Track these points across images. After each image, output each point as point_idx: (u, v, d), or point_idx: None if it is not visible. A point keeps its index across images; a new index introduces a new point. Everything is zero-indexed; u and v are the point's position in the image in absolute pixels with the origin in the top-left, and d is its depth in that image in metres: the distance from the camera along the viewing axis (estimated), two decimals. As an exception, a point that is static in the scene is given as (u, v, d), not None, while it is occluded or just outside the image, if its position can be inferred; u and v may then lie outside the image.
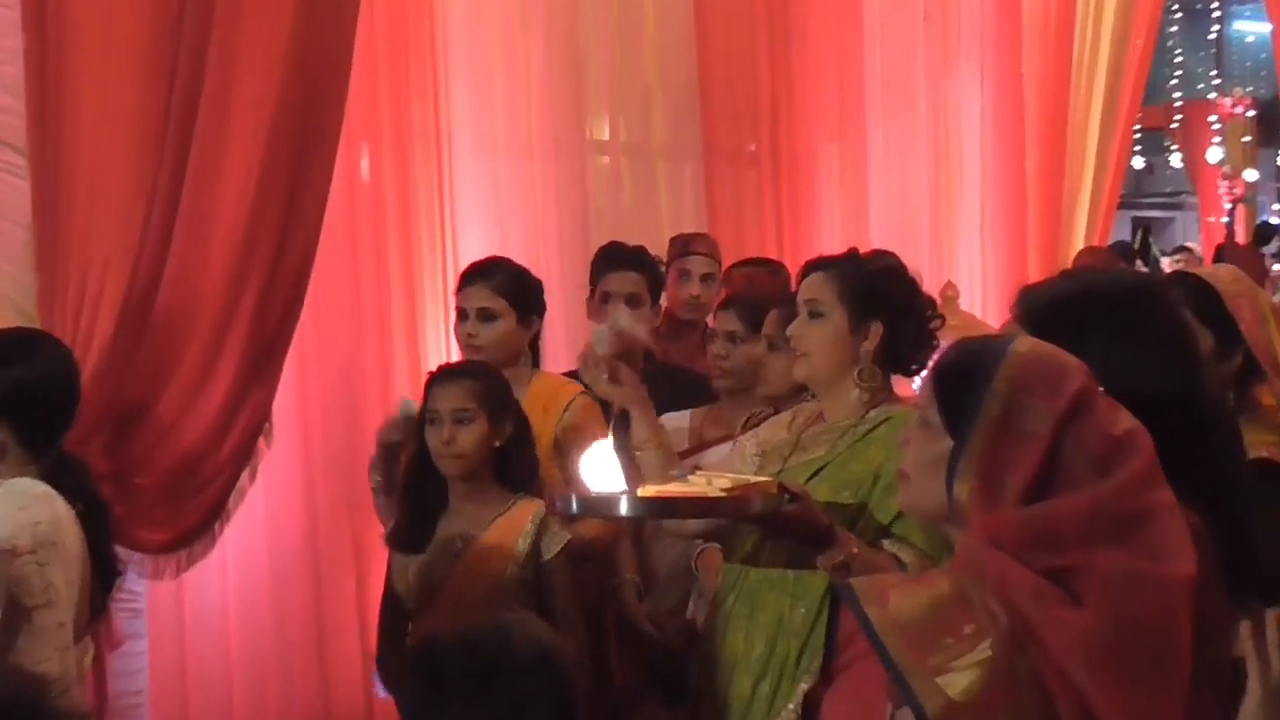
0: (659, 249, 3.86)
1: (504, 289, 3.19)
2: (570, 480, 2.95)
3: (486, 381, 2.89)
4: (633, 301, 3.43)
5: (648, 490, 2.25)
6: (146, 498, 3.25)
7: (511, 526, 2.85)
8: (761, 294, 3.49)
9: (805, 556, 2.30)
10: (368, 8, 3.45)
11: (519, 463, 2.90)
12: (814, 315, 2.46)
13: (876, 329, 2.43)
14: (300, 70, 3.23)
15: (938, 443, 1.57)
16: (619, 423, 2.52)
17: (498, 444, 2.85)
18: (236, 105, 3.21)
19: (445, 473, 2.85)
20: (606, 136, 4.52)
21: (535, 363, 3.35)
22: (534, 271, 3.44)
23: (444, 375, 2.95)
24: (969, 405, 1.52)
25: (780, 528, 2.27)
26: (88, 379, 3.08)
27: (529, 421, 2.97)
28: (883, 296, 2.45)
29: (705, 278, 3.88)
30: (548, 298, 3.42)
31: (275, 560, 3.52)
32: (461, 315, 3.24)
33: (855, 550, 2.21)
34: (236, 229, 3.23)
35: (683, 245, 3.99)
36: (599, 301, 3.51)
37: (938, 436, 1.57)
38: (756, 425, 2.83)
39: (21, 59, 3.05)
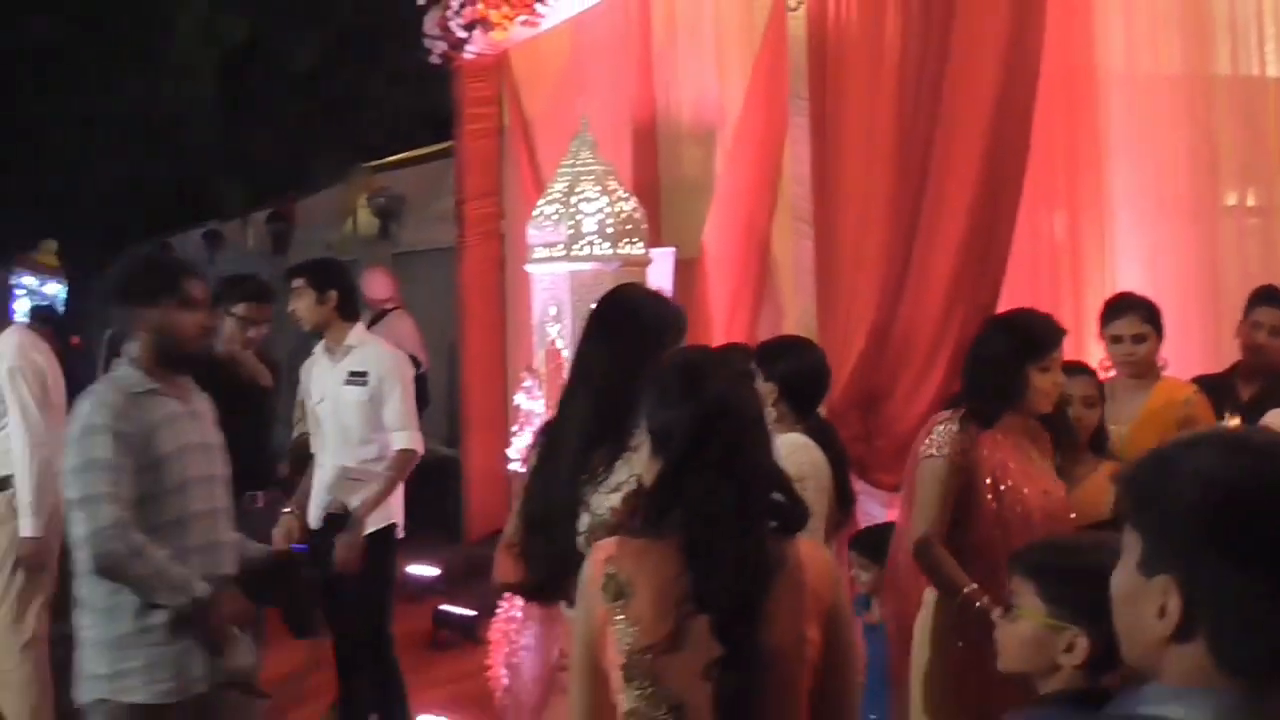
0: None
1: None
2: None
3: None
4: None
5: None
6: (883, 453, 4.56)
7: None
8: None
9: None
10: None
11: None
12: None
13: None
14: (991, 167, 4.32)
15: None
16: None
17: None
18: (948, 193, 4.41)
19: None
20: None
21: None
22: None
23: None
24: None
25: None
26: (847, 374, 4.55)
27: None
28: None
29: None
30: None
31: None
32: None
33: None
34: (946, 281, 4.40)
35: None
36: None
37: None
38: None
39: (809, 155, 4.69)
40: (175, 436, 3.15)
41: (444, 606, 6.25)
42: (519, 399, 5.02)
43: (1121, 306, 4.01)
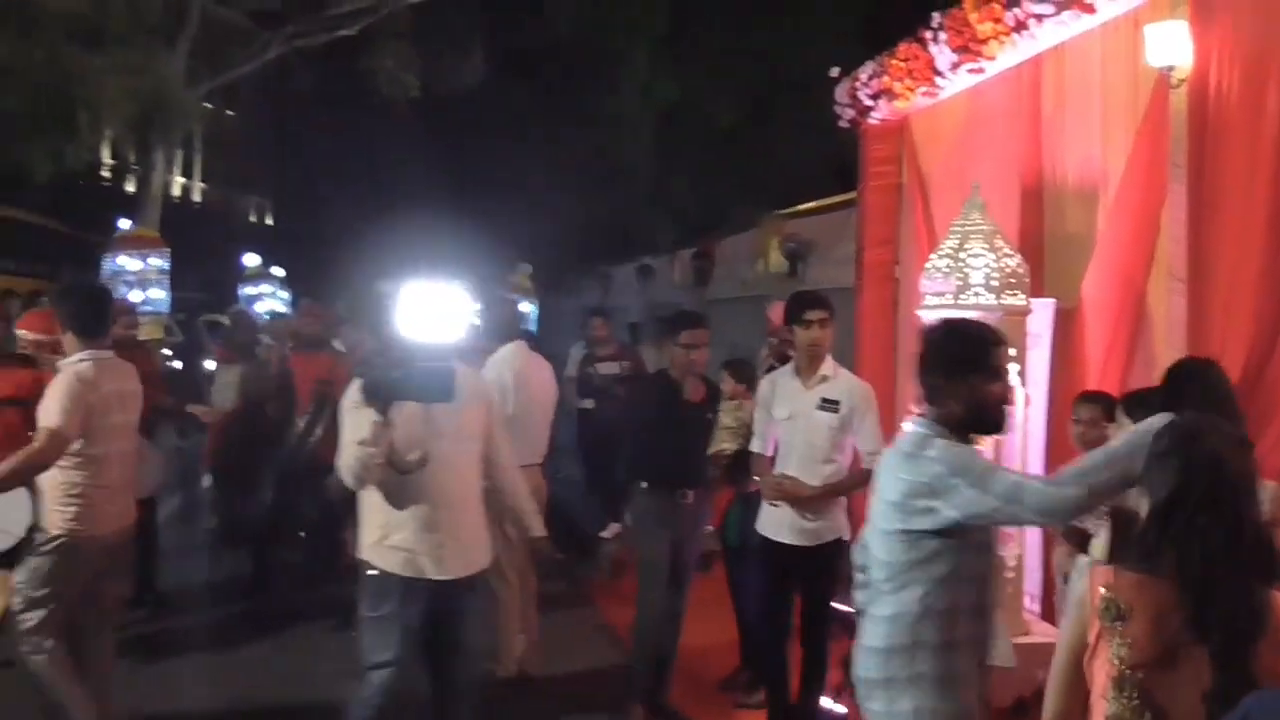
0: None
1: None
2: None
3: None
4: None
5: None
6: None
7: None
8: None
9: None
10: None
11: None
12: None
13: None
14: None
15: None
16: None
17: None
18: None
19: None
20: None
21: None
22: None
23: None
24: None
25: None
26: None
27: None
28: None
29: None
30: None
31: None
32: None
33: None
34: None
35: None
36: None
37: None
38: None
39: (1185, 218, 4.82)
40: None
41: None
42: (906, 427, 5.44)
43: None
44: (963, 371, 3.11)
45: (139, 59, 14.23)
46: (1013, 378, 5.05)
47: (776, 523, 5.11)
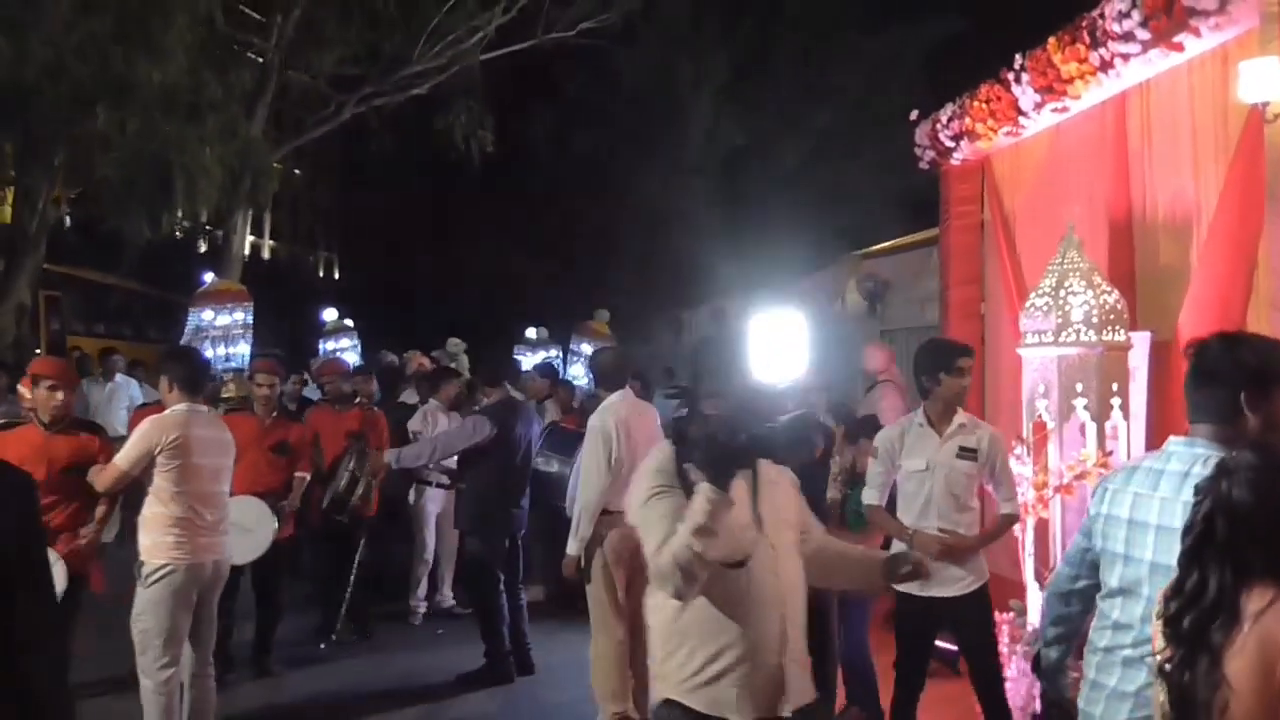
0: None
1: None
2: None
3: None
4: None
5: None
6: None
7: None
8: None
9: None
10: None
11: None
12: None
13: None
14: None
15: None
16: None
17: None
18: None
19: None
20: None
21: None
22: None
23: None
24: None
25: None
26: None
27: None
28: None
29: None
30: None
31: None
32: None
33: None
34: None
35: None
36: None
37: None
38: None
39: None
40: None
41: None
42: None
43: None
44: (1268, 385, 2.76)
45: (228, 126, 14.77)
46: (1115, 413, 5.18)
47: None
